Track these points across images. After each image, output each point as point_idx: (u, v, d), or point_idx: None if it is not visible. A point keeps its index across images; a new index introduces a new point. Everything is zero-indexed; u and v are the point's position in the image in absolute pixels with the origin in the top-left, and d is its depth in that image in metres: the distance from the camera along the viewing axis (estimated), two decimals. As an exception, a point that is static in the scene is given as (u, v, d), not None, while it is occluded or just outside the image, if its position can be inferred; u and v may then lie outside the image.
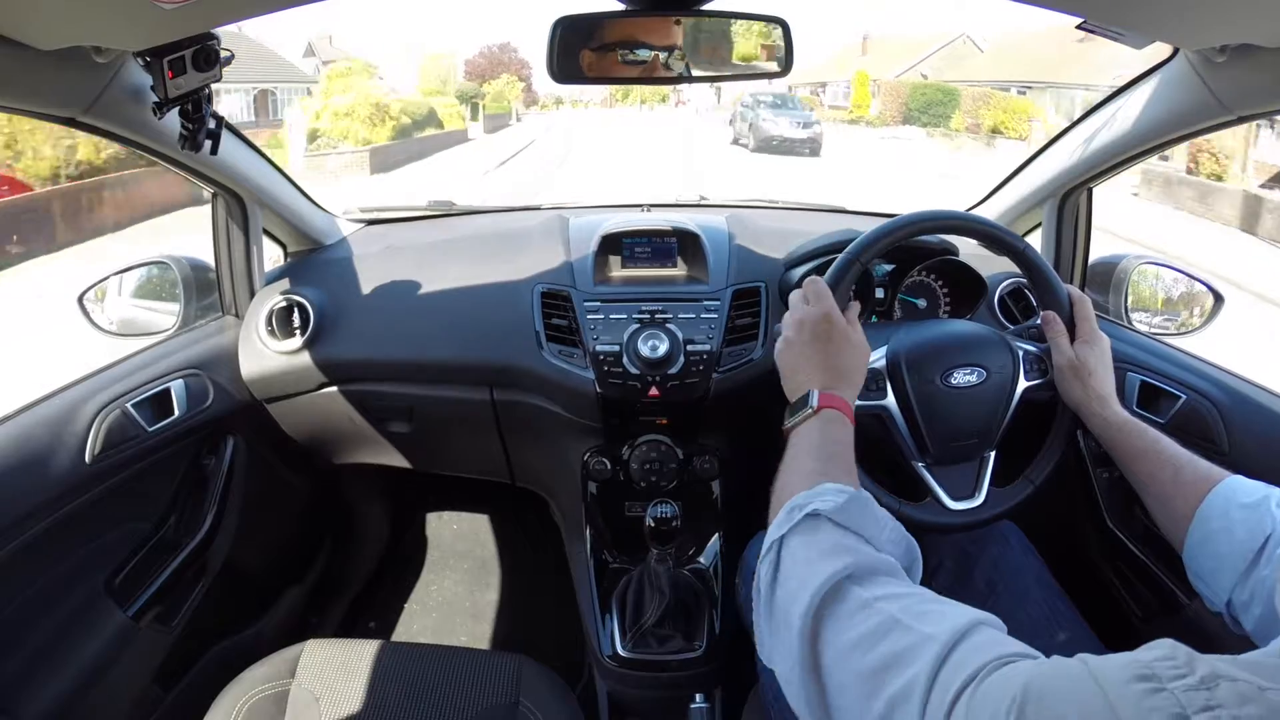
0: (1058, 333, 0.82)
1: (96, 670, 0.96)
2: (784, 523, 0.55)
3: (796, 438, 0.67)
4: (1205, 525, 0.65)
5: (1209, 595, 0.65)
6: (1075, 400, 0.80)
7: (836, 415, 0.67)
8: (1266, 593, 0.58)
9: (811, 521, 0.54)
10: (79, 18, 0.61)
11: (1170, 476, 0.70)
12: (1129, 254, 1.16)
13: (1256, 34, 0.65)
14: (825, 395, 0.68)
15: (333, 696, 0.87)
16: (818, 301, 0.75)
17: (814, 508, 0.54)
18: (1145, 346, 1.04)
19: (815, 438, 0.65)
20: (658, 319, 1.04)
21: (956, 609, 0.45)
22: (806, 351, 0.73)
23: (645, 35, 0.82)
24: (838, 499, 0.55)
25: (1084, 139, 1.04)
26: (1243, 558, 0.61)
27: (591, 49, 0.82)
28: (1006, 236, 0.85)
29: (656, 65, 0.83)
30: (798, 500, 0.56)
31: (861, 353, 0.74)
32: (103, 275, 1.14)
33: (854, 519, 0.55)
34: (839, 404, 0.68)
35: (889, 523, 0.57)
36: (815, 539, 0.54)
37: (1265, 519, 0.61)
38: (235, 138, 1.03)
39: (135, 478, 1.00)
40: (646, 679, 1.05)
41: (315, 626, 1.47)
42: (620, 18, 0.81)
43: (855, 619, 0.47)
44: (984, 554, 0.90)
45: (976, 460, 0.83)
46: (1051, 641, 0.82)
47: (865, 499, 0.57)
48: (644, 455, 1.09)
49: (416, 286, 1.18)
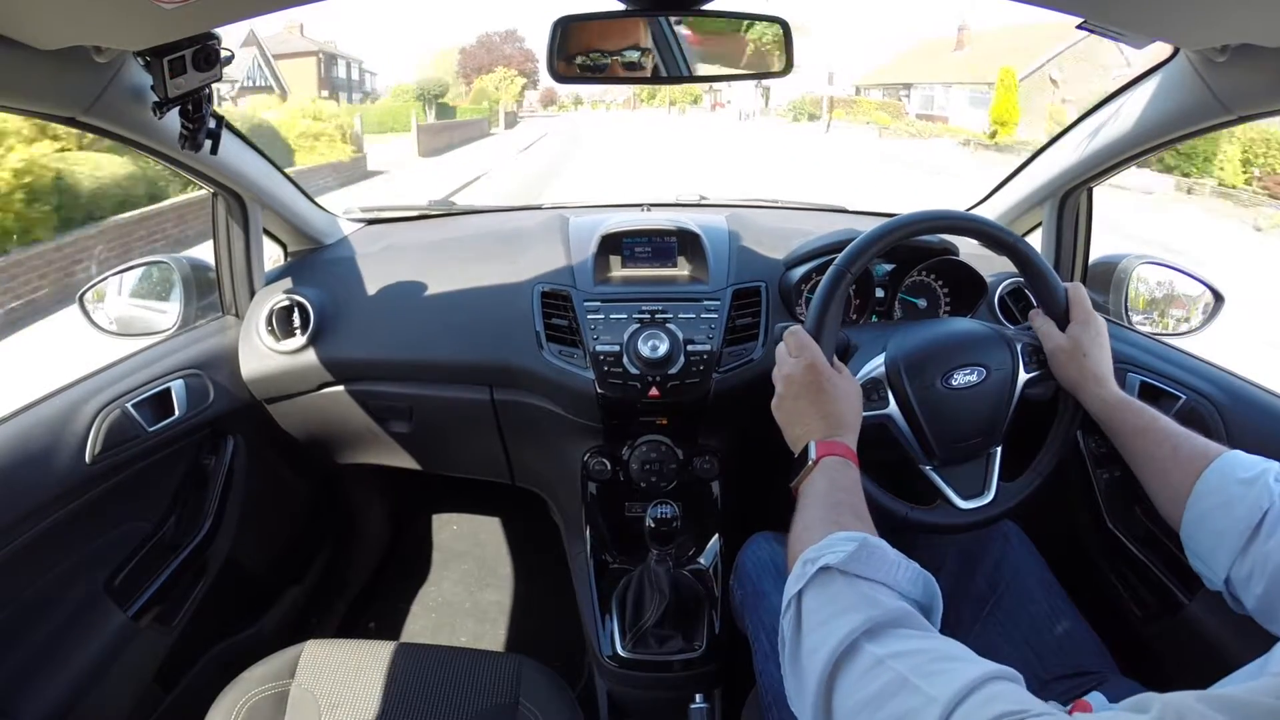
0: (1044, 321, 0.83)
1: (96, 670, 0.96)
2: (798, 578, 0.56)
3: (804, 491, 0.67)
4: (1203, 501, 0.65)
5: (1206, 573, 0.65)
6: (1071, 382, 0.80)
7: (839, 461, 0.68)
8: (1272, 569, 0.57)
9: (824, 576, 0.55)
10: (79, 17, 0.61)
11: (1168, 453, 0.70)
12: (1129, 254, 1.16)
13: (1257, 34, 0.65)
14: (824, 444, 0.69)
15: (332, 696, 0.87)
16: (800, 353, 0.76)
17: (824, 561, 0.55)
18: (1145, 346, 1.04)
19: (822, 487, 0.66)
20: (658, 319, 1.04)
21: (969, 666, 0.46)
22: (799, 405, 0.74)
23: (646, 35, 0.82)
24: (847, 548, 0.55)
25: (1084, 139, 1.04)
26: (1241, 533, 0.61)
27: (592, 48, 0.82)
28: (998, 232, 0.85)
29: (657, 65, 0.83)
30: (809, 554, 0.57)
31: (852, 394, 0.75)
32: (102, 275, 1.14)
33: (865, 566, 0.55)
34: (839, 449, 0.69)
35: (902, 563, 0.56)
36: (829, 594, 0.54)
37: (1264, 493, 0.61)
38: (235, 137, 1.03)
39: (135, 478, 1.00)
40: (646, 679, 1.05)
41: (315, 626, 1.47)
42: (621, 17, 0.81)
43: (866, 678, 0.48)
44: (986, 554, 0.90)
45: (983, 458, 0.83)
46: (1052, 640, 0.82)
47: (875, 545, 0.57)
48: (644, 455, 1.09)
49: (416, 286, 1.18)
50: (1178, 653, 0.93)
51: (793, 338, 0.78)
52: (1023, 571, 0.89)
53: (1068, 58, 16.22)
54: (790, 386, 0.75)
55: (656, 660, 1.04)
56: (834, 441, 0.69)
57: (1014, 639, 0.83)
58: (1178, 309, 1.13)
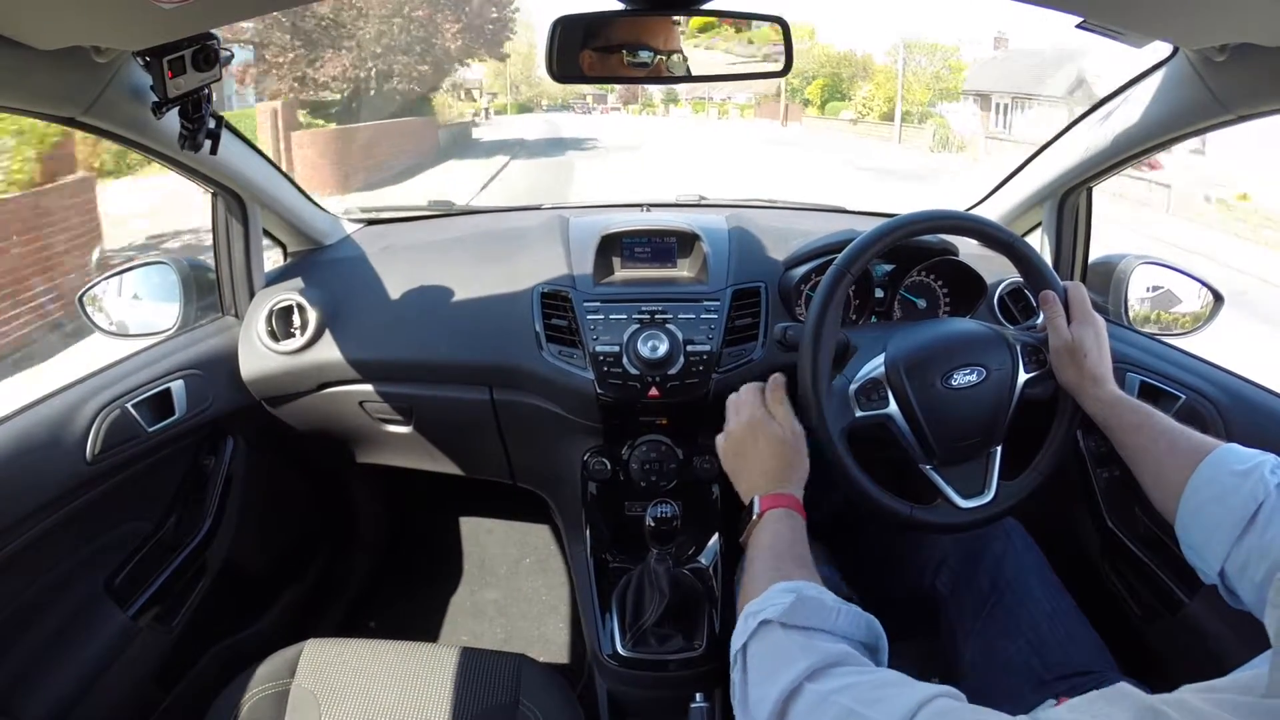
0: (1055, 313, 0.81)
1: (96, 670, 0.96)
2: (742, 633, 0.59)
3: (750, 545, 0.70)
4: (1198, 494, 0.65)
5: (1201, 565, 0.65)
6: (1071, 383, 0.80)
7: (783, 513, 0.71)
8: (1272, 560, 0.57)
9: (765, 629, 0.58)
10: (79, 17, 0.61)
11: (1163, 447, 0.70)
12: (1129, 254, 1.16)
13: (1256, 33, 0.65)
14: (767, 498, 0.72)
15: (333, 696, 0.87)
16: (738, 413, 0.80)
17: (764, 616, 0.58)
18: (1145, 347, 1.04)
19: (765, 539, 0.69)
20: (657, 319, 1.04)
21: (912, 689, 0.48)
22: (741, 463, 0.78)
23: (645, 35, 0.82)
24: (785, 600, 0.58)
25: (1083, 138, 1.04)
26: (1235, 524, 0.61)
27: (592, 49, 0.82)
28: (995, 231, 0.85)
29: (658, 65, 0.83)
30: (750, 608, 0.60)
31: (795, 443, 0.78)
32: (102, 276, 1.14)
33: (804, 617, 0.57)
34: (784, 501, 0.72)
35: (841, 608, 0.59)
36: (771, 646, 0.57)
37: (1259, 485, 0.61)
38: (235, 137, 1.03)
39: (135, 478, 1.00)
40: (647, 678, 1.05)
41: (315, 626, 1.47)
42: (620, 17, 0.81)
43: (814, 715, 0.50)
44: (988, 552, 0.90)
45: (983, 457, 0.83)
46: (1053, 639, 0.82)
47: (811, 595, 0.59)
48: (644, 455, 1.09)
49: (416, 287, 1.18)
50: (1178, 652, 0.93)
51: (732, 401, 0.82)
52: (1024, 570, 0.89)
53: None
54: (732, 444, 0.80)
55: (656, 659, 1.04)
56: (777, 495, 0.73)
57: (1015, 637, 0.83)
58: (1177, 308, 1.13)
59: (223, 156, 0.96)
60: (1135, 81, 0.92)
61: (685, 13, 0.81)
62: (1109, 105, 0.98)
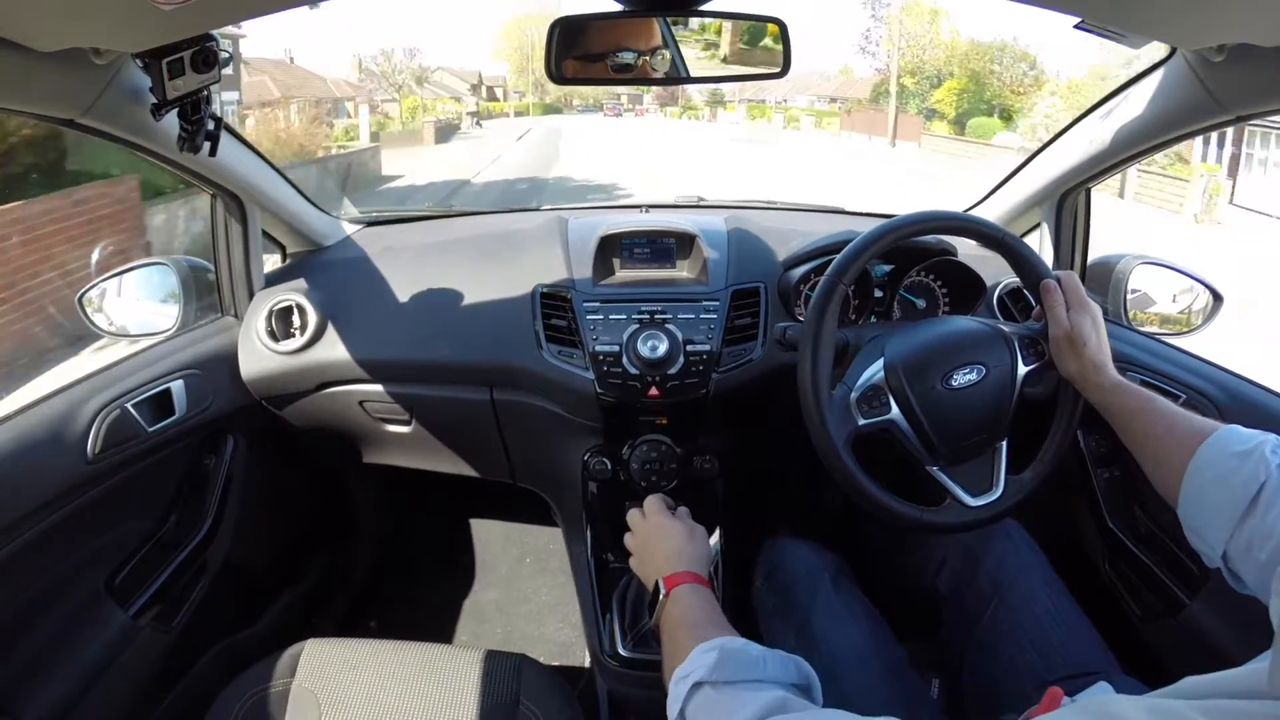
0: (1055, 301, 0.81)
1: (97, 670, 0.96)
2: (676, 699, 0.60)
3: (664, 622, 0.74)
4: (1199, 476, 0.65)
5: (1204, 548, 0.64)
6: (1072, 372, 0.80)
7: (688, 587, 0.75)
8: (1275, 544, 0.57)
9: (697, 692, 0.59)
10: (78, 19, 0.61)
11: (1164, 430, 0.70)
12: (1128, 254, 1.16)
13: (1254, 34, 0.65)
14: (670, 578, 0.77)
15: (333, 696, 0.87)
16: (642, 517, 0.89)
17: (694, 678, 0.59)
18: (1145, 346, 1.04)
19: (677, 613, 0.73)
20: (657, 319, 1.04)
21: None
22: (645, 555, 0.85)
23: (644, 36, 0.82)
24: (710, 659, 0.59)
25: (1081, 139, 1.04)
26: (1237, 506, 0.60)
27: (592, 50, 0.82)
28: (984, 227, 0.85)
29: (656, 66, 0.83)
30: (679, 673, 0.61)
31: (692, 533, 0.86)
32: (102, 276, 1.14)
33: (732, 671, 0.59)
34: (684, 578, 0.76)
35: (767, 656, 0.60)
36: (705, 707, 0.58)
37: (1260, 466, 0.61)
38: (234, 139, 1.03)
39: (135, 477, 1.00)
40: (647, 679, 1.05)
41: (316, 626, 1.47)
42: (619, 18, 0.81)
43: None
44: (988, 552, 0.90)
45: (988, 454, 0.84)
46: (1054, 639, 0.82)
47: (735, 648, 0.61)
48: (644, 455, 1.09)
49: (416, 287, 1.18)
50: (1179, 652, 0.93)
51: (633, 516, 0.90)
52: (1025, 570, 0.89)
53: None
54: (638, 542, 0.87)
55: (657, 660, 1.04)
56: (678, 573, 0.77)
57: (1016, 637, 0.83)
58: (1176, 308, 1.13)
59: (222, 158, 0.96)
60: (1133, 82, 0.92)
61: (684, 13, 0.81)
62: (1107, 106, 0.98)
